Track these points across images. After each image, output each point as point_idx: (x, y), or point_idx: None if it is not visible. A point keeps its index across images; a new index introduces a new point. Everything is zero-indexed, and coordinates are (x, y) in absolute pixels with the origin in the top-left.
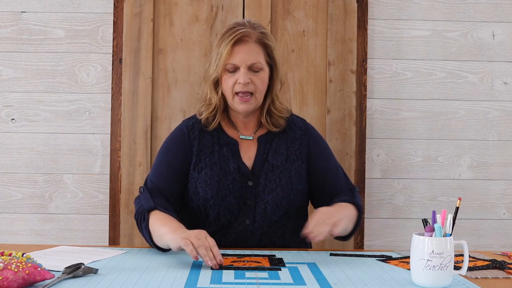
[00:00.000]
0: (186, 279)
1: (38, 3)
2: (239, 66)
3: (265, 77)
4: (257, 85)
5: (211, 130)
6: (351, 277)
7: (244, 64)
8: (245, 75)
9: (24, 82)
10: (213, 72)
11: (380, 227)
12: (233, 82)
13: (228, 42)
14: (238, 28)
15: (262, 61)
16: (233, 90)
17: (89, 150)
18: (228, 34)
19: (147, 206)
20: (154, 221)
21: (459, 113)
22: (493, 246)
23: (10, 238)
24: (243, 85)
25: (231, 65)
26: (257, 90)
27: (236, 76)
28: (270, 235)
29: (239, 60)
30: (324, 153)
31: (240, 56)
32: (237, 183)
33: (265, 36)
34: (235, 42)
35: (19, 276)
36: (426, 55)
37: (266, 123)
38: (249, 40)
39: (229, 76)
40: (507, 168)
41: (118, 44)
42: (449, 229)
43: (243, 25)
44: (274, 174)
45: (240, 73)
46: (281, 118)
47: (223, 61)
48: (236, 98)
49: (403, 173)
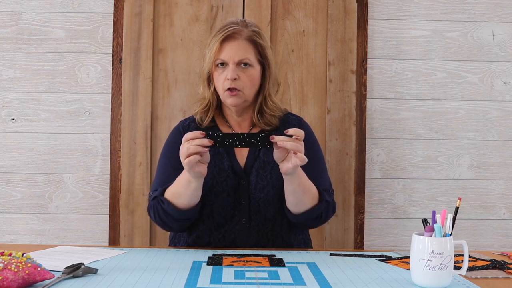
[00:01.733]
0: (186, 279)
1: (38, 3)
2: (228, 62)
3: (254, 74)
4: (245, 82)
5: (206, 128)
6: (351, 277)
7: (232, 60)
8: (232, 71)
9: (24, 82)
10: (205, 68)
11: (380, 227)
12: (223, 78)
13: (218, 39)
14: (230, 25)
15: (252, 58)
16: (223, 86)
17: (89, 150)
18: (219, 32)
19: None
20: (171, 190)
21: (459, 113)
22: (493, 246)
23: (10, 238)
24: (231, 81)
25: (220, 61)
26: (245, 87)
27: (226, 73)
28: (267, 233)
29: (227, 56)
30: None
31: (228, 52)
32: (230, 181)
33: (257, 35)
34: (224, 38)
35: (19, 276)
36: (426, 55)
37: (257, 121)
38: (238, 37)
39: (219, 72)
40: (507, 168)
41: (118, 44)
42: (449, 229)
43: (236, 24)
44: (265, 171)
45: (228, 69)
46: (273, 117)
47: (212, 57)
48: (226, 93)
49: (403, 173)
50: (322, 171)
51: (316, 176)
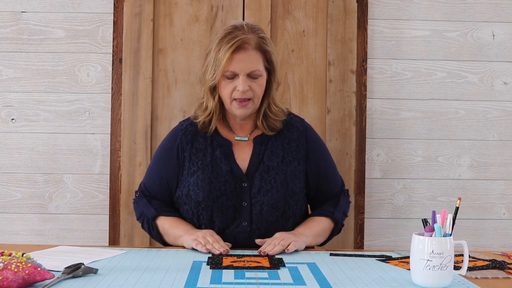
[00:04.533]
0: (186, 279)
1: (38, 3)
2: (238, 74)
3: (263, 82)
4: (255, 92)
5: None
6: (351, 277)
7: (243, 72)
8: (244, 83)
9: (24, 82)
10: (210, 78)
11: (380, 227)
12: (232, 89)
13: (228, 49)
14: (236, 33)
15: (261, 67)
16: (232, 96)
17: (89, 150)
18: (227, 40)
19: (150, 215)
20: (165, 226)
21: (459, 113)
22: (493, 246)
23: (10, 238)
24: (242, 93)
25: (230, 73)
26: (255, 96)
27: (235, 83)
28: (268, 236)
29: (238, 68)
30: (323, 156)
31: (239, 64)
32: (230, 185)
33: (264, 41)
34: (235, 49)
35: (19, 276)
36: (426, 55)
37: (261, 126)
38: (248, 47)
39: (227, 82)
40: (507, 168)
41: (118, 44)
42: (449, 229)
43: (242, 29)
44: (270, 175)
45: (239, 80)
46: (277, 121)
47: (222, 68)
48: (234, 103)
49: (403, 173)
50: (333, 173)
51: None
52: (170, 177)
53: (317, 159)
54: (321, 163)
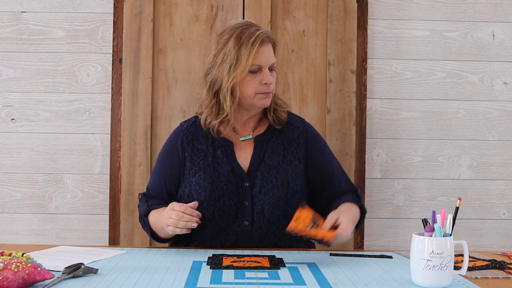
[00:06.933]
0: (186, 279)
1: (38, 3)
2: (263, 67)
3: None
4: (274, 83)
5: (207, 132)
6: (351, 277)
7: (267, 65)
8: (269, 75)
9: (24, 82)
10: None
11: (380, 227)
12: (257, 83)
13: (253, 44)
14: (252, 29)
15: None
16: (257, 90)
17: (89, 150)
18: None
19: (143, 212)
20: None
21: (459, 113)
22: (493, 246)
23: (10, 238)
24: (268, 85)
25: (256, 66)
26: (274, 88)
27: (259, 77)
28: (269, 236)
29: (264, 61)
30: (323, 154)
31: (264, 57)
32: (231, 185)
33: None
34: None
35: (19, 276)
36: (426, 55)
37: (271, 119)
38: (268, 41)
39: (251, 77)
40: (507, 168)
41: (118, 44)
42: (449, 229)
43: (253, 25)
44: (271, 175)
45: (263, 73)
46: (283, 111)
47: (249, 63)
48: (258, 96)
49: (403, 173)
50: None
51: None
52: (172, 177)
53: (317, 156)
54: (321, 159)
